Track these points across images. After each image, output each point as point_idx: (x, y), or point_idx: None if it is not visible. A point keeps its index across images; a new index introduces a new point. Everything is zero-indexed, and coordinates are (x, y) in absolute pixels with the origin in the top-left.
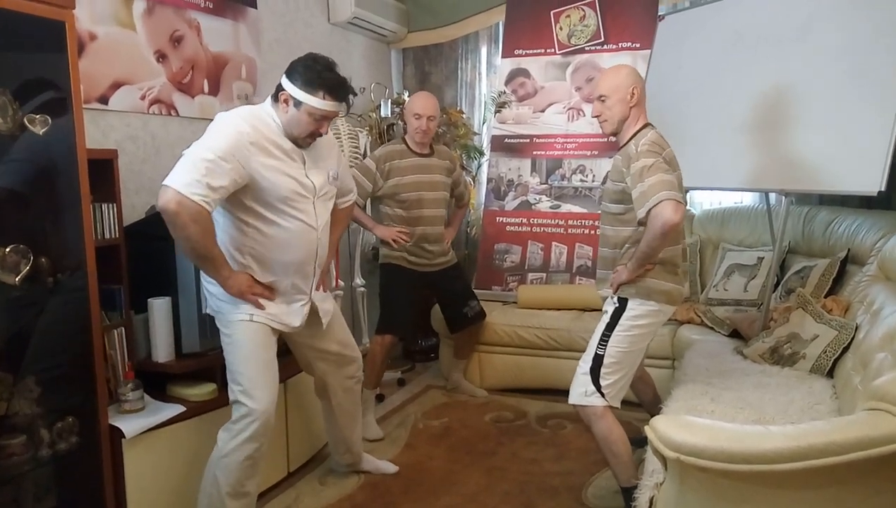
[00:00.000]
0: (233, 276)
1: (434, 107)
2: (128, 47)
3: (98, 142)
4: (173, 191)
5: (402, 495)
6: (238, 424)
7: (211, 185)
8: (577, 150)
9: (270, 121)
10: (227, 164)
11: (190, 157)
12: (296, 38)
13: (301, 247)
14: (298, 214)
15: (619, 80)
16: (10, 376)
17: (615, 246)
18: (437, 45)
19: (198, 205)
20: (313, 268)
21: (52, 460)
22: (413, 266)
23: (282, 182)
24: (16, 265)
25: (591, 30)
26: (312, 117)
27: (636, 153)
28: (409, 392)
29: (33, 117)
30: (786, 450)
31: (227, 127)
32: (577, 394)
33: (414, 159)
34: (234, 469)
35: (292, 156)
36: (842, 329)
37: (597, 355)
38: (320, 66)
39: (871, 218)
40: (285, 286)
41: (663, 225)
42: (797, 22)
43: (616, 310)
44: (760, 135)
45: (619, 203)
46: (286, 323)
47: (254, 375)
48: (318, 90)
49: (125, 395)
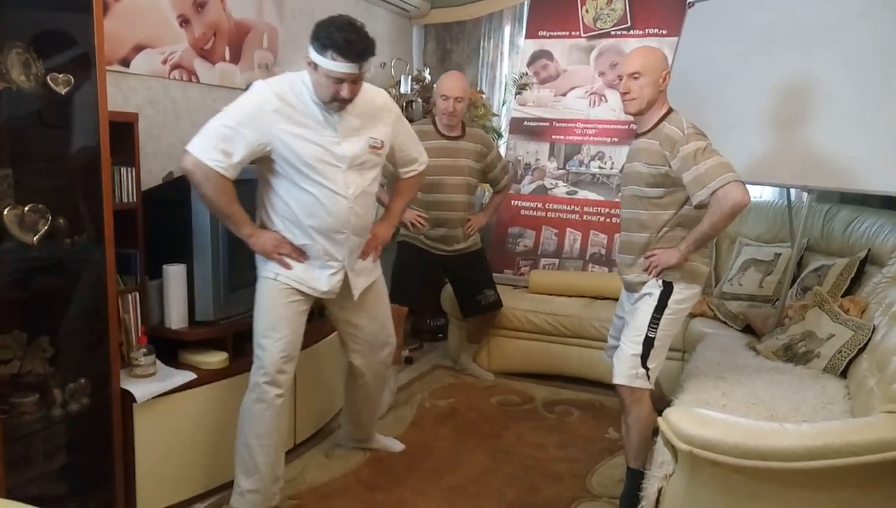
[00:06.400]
0: (255, 234)
1: (462, 88)
2: (152, 10)
3: (119, 105)
4: (191, 155)
5: (406, 472)
6: (254, 375)
7: (225, 151)
8: (596, 137)
9: (303, 88)
10: (246, 130)
11: (211, 123)
12: (319, 8)
13: (329, 213)
14: (325, 181)
15: (655, 61)
16: (25, 335)
17: (651, 229)
18: (459, 23)
19: (210, 168)
20: (346, 236)
21: (64, 420)
22: (429, 247)
23: (305, 149)
24: (34, 224)
25: (618, 14)
26: (330, 79)
27: (683, 136)
28: (417, 370)
29: (56, 76)
30: (802, 449)
31: (251, 96)
32: (626, 375)
33: (440, 142)
34: (254, 419)
35: (323, 124)
36: (858, 329)
37: (647, 338)
38: (335, 25)
39: (894, 219)
40: (317, 250)
41: (734, 206)
42: (828, 18)
43: (663, 293)
44: (784, 129)
45: (659, 186)
46: (313, 286)
47: (267, 328)
48: (327, 50)
49: (137, 360)
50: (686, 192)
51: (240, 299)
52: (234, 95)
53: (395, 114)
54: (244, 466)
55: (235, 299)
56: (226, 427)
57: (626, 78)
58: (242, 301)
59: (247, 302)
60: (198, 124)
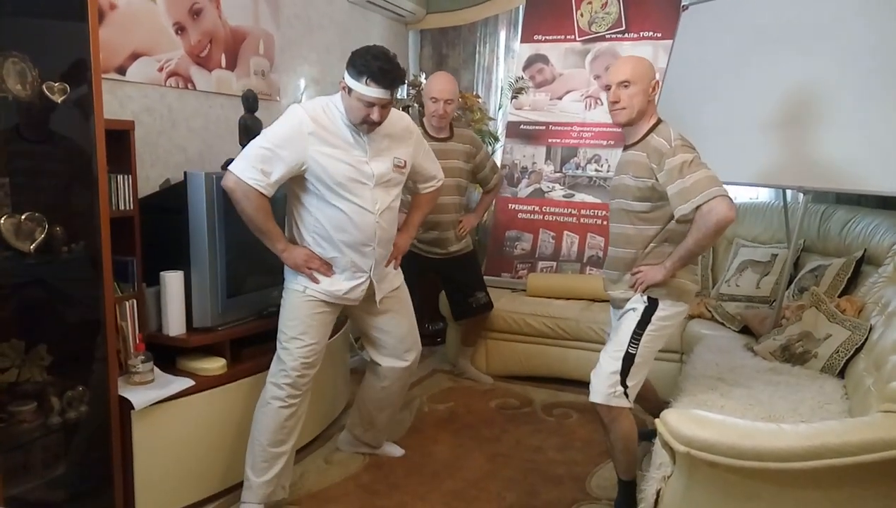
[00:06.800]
0: (288, 249)
1: (452, 90)
2: (147, 18)
3: (115, 113)
4: (233, 174)
5: (406, 477)
6: (274, 377)
7: (265, 171)
8: (592, 140)
9: (335, 111)
10: (283, 151)
11: (252, 145)
12: (315, 14)
13: (358, 228)
14: (355, 198)
15: (644, 69)
16: (23, 343)
17: (636, 245)
18: (455, 28)
19: (250, 187)
20: (373, 249)
21: (62, 428)
22: (421, 251)
23: (337, 169)
24: (31, 233)
25: (613, 17)
26: (362, 103)
27: (670, 148)
28: (416, 375)
29: (52, 85)
30: (799, 449)
31: (288, 119)
32: (604, 394)
33: (429, 144)
34: (269, 416)
35: (354, 145)
36: (855, 329)
37: (628, 354)
38: (371, 54)
39: (890, 219)
40: (345, 263)
41: (718, 222)
42: (823, 18)
43: (647, 309)
44: (780, 131)
45: (646, 200)
46: (340, 296)
47: (293, 333)
48: (362, 76)
49: (135, 367)
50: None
51: (237, 305)
52: (230, 102)
53: (416, 135)
54: (253, 461)
55: (233, 305)
56: (225, 433)
57: (615, 87)
58: (240, 307)
59: (244, 308)
60: (194, 131)
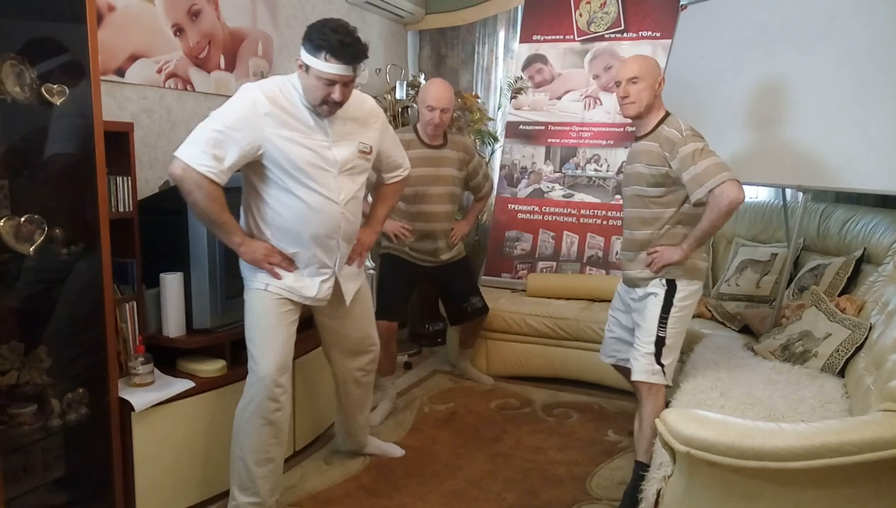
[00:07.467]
0: (245, 243)
1: (448, 98)
2: (146, 20)
3: (114, 115)
4: (180, 161)
5: (406, 478)
6: (249, 389)
7: (217, 156)
8: (592, 139)
9: (293, 92)
10: (237, 133)
11: (200, 128)
12: (313, 15)
13: (322, 220)
14: (317, 187)
15: (651, 66)
16: (22, 345)
17: (652, 226)
18: (454, 28)
19: (201, 175)
20: (337, 242)
21: (62, 430)
22: (414, 259)
23: (297, 153)
24: (30, 235)
25: (612, 17)
26: (321, 81)
27: (682, 137)
28: (416, 375)
29: (51, 87)
30: (798, 448)
31: (241, 98)
32: (643, 372)
33: (422, 151)
34: (251, 434)
35: (314, 128)
36: (855, 328)
37: (658, 337)
38: (329, 27)
39: (889, 217)
40: (307, 258)
41: (730, 203)
42: (821, 17)
43: (668, 293)
44: (779, 129)
45: (660, 186)
46: (304, 295)
47: (260, 341)
48: (321, 51)
49: (135, 369)
50: (685, 191)
51: (237, 307)
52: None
53: (381, 119)
54: (239, 480)
55: (232, 307)
56: (225, 434)
57: (624, 82)
58: (240, 308)
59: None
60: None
